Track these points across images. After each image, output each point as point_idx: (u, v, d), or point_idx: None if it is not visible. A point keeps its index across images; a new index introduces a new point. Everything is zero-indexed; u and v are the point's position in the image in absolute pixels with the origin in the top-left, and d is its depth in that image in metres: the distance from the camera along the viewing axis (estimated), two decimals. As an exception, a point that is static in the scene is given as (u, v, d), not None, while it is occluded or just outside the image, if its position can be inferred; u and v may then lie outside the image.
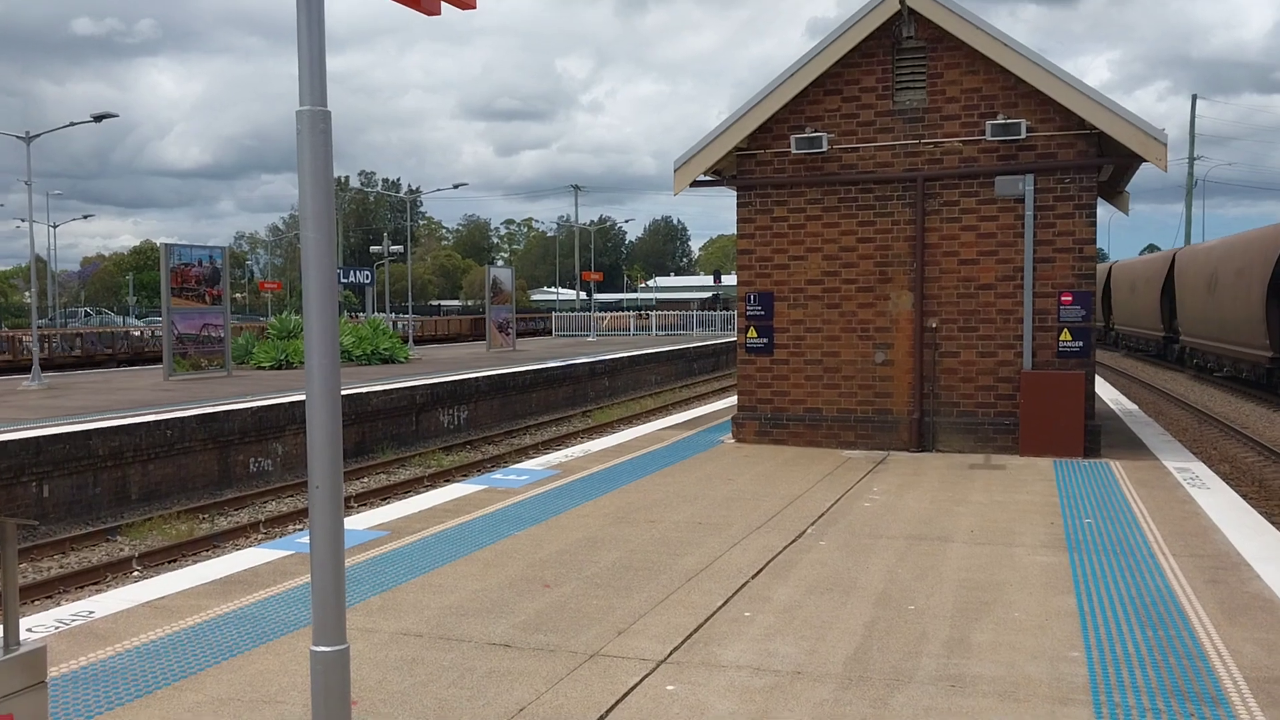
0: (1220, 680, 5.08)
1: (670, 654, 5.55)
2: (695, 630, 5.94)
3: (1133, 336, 44.28)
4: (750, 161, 13.54)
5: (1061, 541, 8.02)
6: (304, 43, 3.67)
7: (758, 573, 7.18)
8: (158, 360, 29.34)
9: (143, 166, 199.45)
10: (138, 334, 47.72)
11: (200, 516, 14.47)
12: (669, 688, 5.08)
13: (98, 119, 27.07)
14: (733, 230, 14.57)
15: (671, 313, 62.48)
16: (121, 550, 12.64)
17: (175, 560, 12.08)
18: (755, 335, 13.60)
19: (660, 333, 56.45)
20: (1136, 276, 41.97)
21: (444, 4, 4.36)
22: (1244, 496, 10.82)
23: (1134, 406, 18.41)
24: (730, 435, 13.98)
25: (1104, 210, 23.15)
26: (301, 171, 3.69)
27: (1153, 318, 38.55)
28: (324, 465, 3.73)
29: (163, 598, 6.63)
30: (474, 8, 4.46)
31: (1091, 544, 7.92)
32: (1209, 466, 12.29)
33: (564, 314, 63.68)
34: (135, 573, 11.59)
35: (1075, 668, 5.29)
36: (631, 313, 65.07)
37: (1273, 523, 9.43)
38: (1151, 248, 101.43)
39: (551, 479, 11.03)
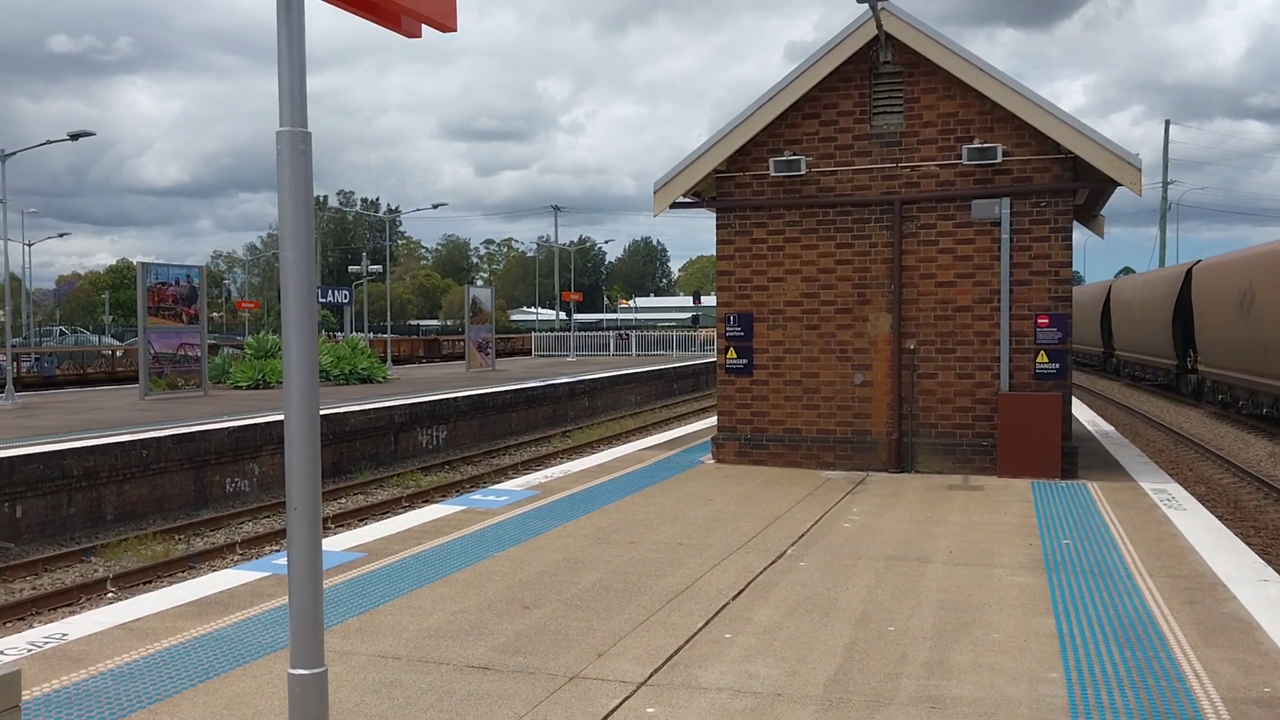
0: (1198, 701, 5.11)
1: (650, 676, 5.53)
2: (676, 652, 5.92)
3: (1137, 364, 39.21)
4: (729, 183, 13.60)
5: (1040, 563, 8.05)
6: (284, 63, 3.66)
7: (738, 594, 7.17)
8: (133, 380, 29.13)
9: (120, 185, 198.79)
10: (108, 353, 47.35)
11: (176, 537, 14.34)
12: (649, 710, 5.06)
13: (74, 137, 26.96)
14: (712, 251, 14.62)
15: (662, 333, 62.43)
16: (96, 571, 12.51)
17: (151, 581, 11.96)
18: (735, 356, 13.63)
19: (640, 352, 56.49)
20: (1142, 297, 37.07)
21: (424, 26, 4.37)
22: (1220, 518, 10.90)
23: (1110, 428, 18.54)
24: (710, 456, 13.99)
25: (1079, 233, 22.94)
26: (281, 192, 3.68)
27: (1162, 344, 33.78)
28: (302, 486, 3.71)
29: (138, 619, 6.56)
30: (454, 30, 4.47)
31: (1070, 565, 7.95)
32: (1185, 488, 12.37)
33: (544, 334, 63.65)
34: (110, 594, 11.47)
35: (1054, 689, 5.30)
36: (632, 332, 64.71)
37: (1248, 543, 9.51)
38: (1127, 270, 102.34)
39: (531, 500, 10.99)
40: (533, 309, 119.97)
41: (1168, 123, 66.53)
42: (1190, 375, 31.06)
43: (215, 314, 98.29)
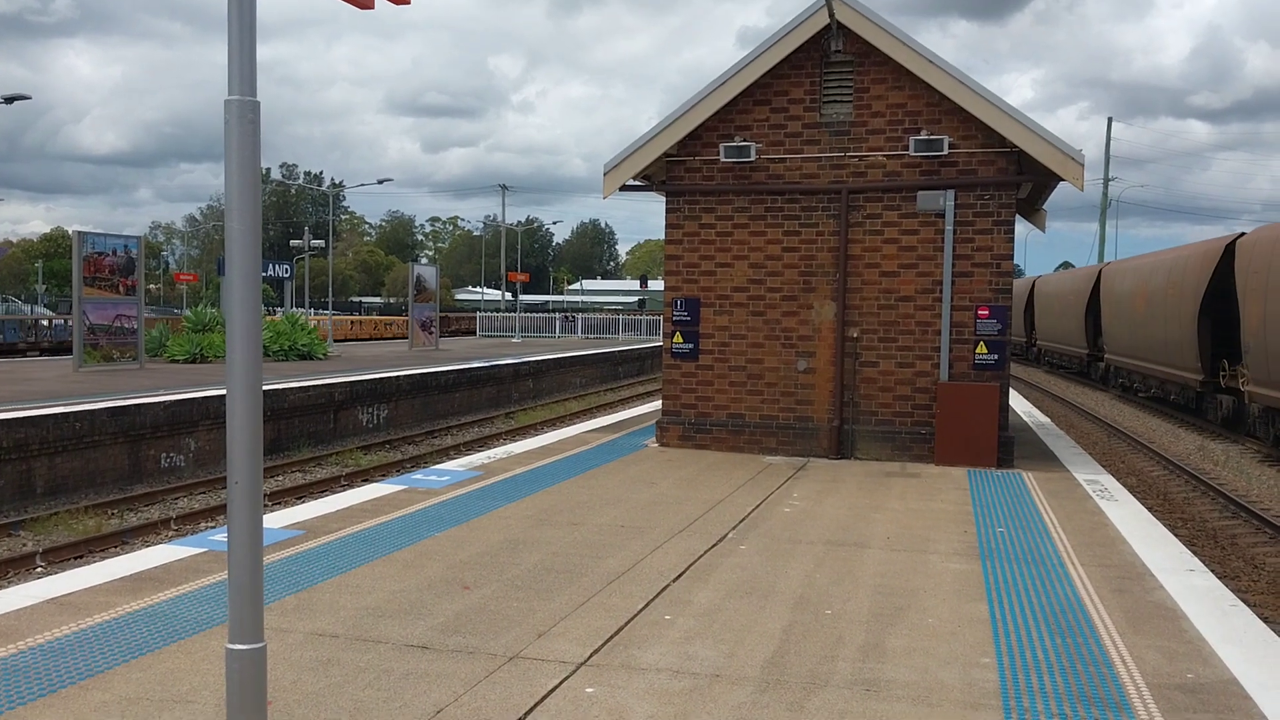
0: (1124, 686, 5.24)
1: (590, 656, 5.55)
2: (616, 633, 5.94)
3: (1055, 353, 44.42)
4: (680, 168, 13.61)
5: (974, 550, 8.19)
6: (234, 31, 3.61)
7: (679, 576, 7.21)
8: (67, 351, 28.52)
9: (56, 151, 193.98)
10: (47, 324, 46.35)
11: (109, 512, 14.10)
12: (588, 690, 5.08)
13: (9, 100, 26.27)
14: (660, 235, 14.64)
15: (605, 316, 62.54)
16: (25, 546, 12.25)
17: (82, 556, 11.74)
18: (681, 340, 13.67)
19: (586, 335, 56.45)
20: (1060, 291, 41.95)
21: (378, -2, 4.31)
22: (1149, 509, 11.15)
23: (1046, 419, 18.87)
24: (654, 439, 14.03)
25: (1022, 227, 23.51)
26: (229, 162, 3.63)
27: (1077, 335, 38.30)
28: (244, 460, 3.67)
29: (69, 594, 6.44)
30: (408, 2, 4.42)
31: (1003, 553, 8.10)
32: (1117, 479, 12.65)
33: (489, 314, 63.31)
34: (39, 569, 11.24)
35: (986, 673, 5.41)
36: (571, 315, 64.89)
37: (1175, 535, 9.75)
38: (1066, 264, 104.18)
39: (473, 480, 10.95)
40: (478, 288, 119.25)
41: (1109, 120, 68.03)
42: (1099, 363, 35.61)
43: (153, 286, 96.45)
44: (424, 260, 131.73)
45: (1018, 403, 20.52)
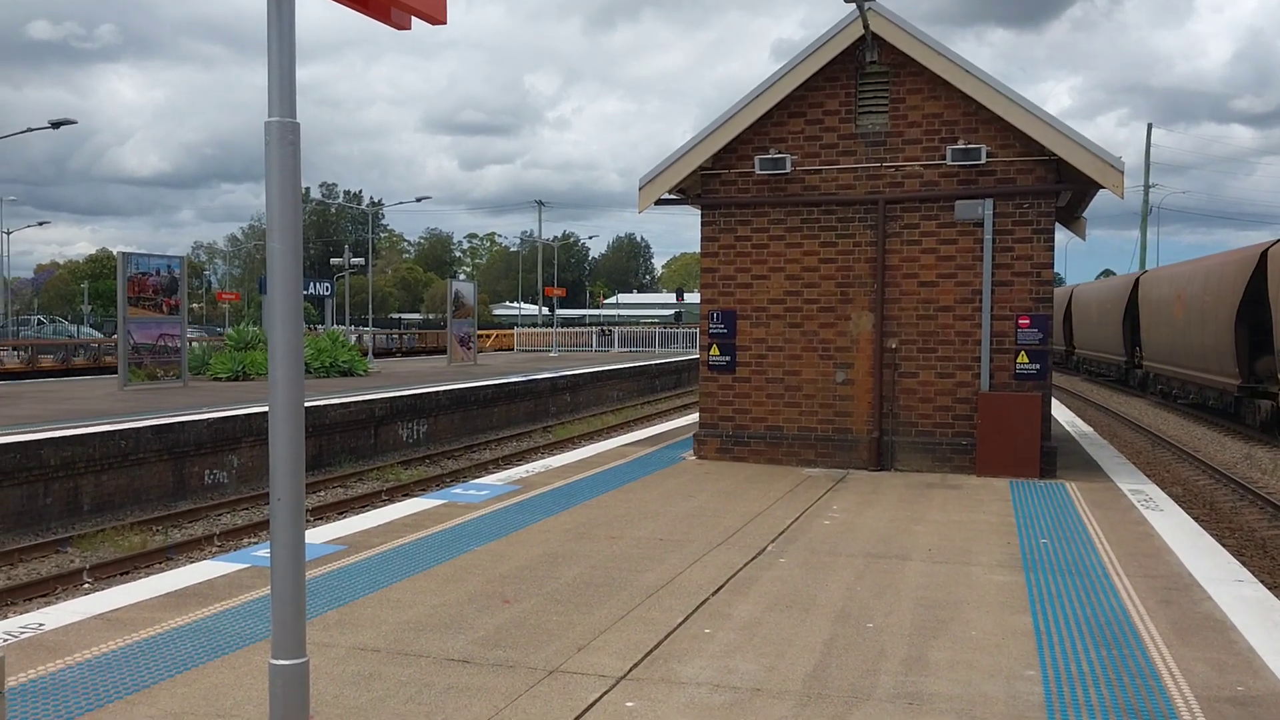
0: (1172, 699, 5.15)
1: (630, 670, 5.54)
2: (655, 647, 5.94)
3: (1173, 379, 34.69)
4: (715, 181, 13.62)
5: (1018, 561, 8.11)
6: (274, 54, 3.66)
7: (718, 589, 7.19)
8: (112, 370, 28.93)
9: (101, 173, 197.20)
10: (95, 345, 47.05)
11: (154, 528, 14.27)
12: (628, 704, 5.08)
13: (56, 125, 26.78)
14: (696, 248, 14.65)
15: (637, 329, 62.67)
16: (72, 562, 12.43)
17: (128, 572, 11.89)
18: (718, 353, 13.65)
19: (622, 348, 56.54)
20: (1184, 292, 36.10)
21: (414, 19, 4.36)
22: (1196, 519, 10.99)
23: (1089, 429, 18.65)
24: (692, 452, 14.01)
25: (1062, 235, 22.82)
26: (269, 183, 3.67)
27: (1220, 357, 28.06)
28: (286, 477, 3.71)
29: (115, 610, 6.53)
30: (444, 23, 4.46)
31: (1047, 564, 8.01)
32: (1162, 489, 12.46)
33: (526, 329, 63.57)
34: (86, 585, 11.40)
35: (1031, 686, 5.34)
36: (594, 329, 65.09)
37: (1223, 544, 9.60)
38: (1108, 273, 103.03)
39: (512, 494, 10.99)
40: (515, 304, 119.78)
41: (1149, 126, 67.04)
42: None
43: (195, 305, 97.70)
44: (462, 276, 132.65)
45: (1060, 412, 20.28)
